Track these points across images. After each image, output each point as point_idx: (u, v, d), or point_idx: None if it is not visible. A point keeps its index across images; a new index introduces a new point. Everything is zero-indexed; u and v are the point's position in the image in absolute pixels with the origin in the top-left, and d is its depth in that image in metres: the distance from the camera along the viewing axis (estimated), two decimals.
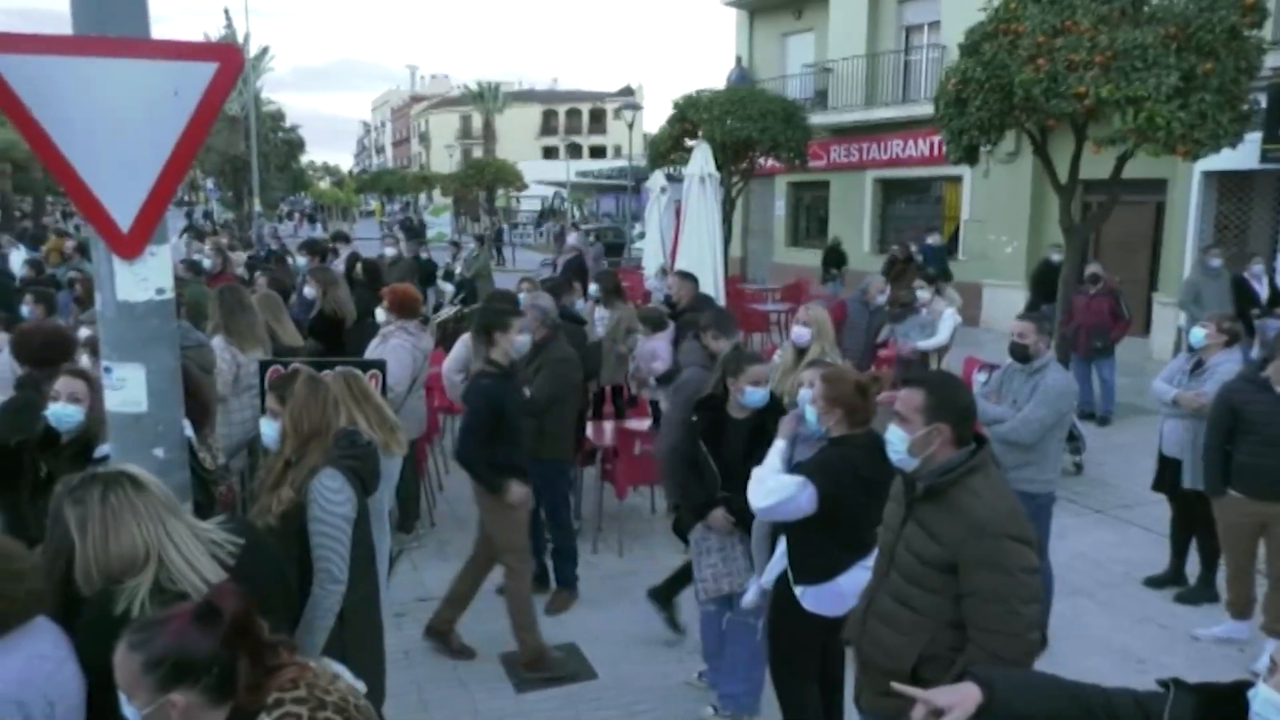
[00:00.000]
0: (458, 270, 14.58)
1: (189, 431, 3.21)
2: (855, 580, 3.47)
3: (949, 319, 8.92)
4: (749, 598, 4.25)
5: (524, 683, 4.85)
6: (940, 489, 2.79)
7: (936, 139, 12.24)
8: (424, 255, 14.28)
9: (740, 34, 25.09)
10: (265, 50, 42.23)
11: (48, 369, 4.02)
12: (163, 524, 2.36)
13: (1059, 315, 10.12)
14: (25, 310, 6.43)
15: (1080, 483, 8.20)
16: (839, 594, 3.59)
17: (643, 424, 7.20)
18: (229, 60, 2.60)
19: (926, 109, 13.11)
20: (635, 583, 5.93)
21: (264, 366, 5.73)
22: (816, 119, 20.23)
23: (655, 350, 7.61)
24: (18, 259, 12.62)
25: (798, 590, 3.73)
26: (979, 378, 6.15)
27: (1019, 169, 16.58)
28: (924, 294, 9.16)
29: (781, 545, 3.88)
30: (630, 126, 24.50)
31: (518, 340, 4.98)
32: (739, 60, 24.42)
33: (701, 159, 11.77)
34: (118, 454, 2.81)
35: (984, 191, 17.88)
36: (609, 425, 7.42)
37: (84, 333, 5.52)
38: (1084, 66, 8.80)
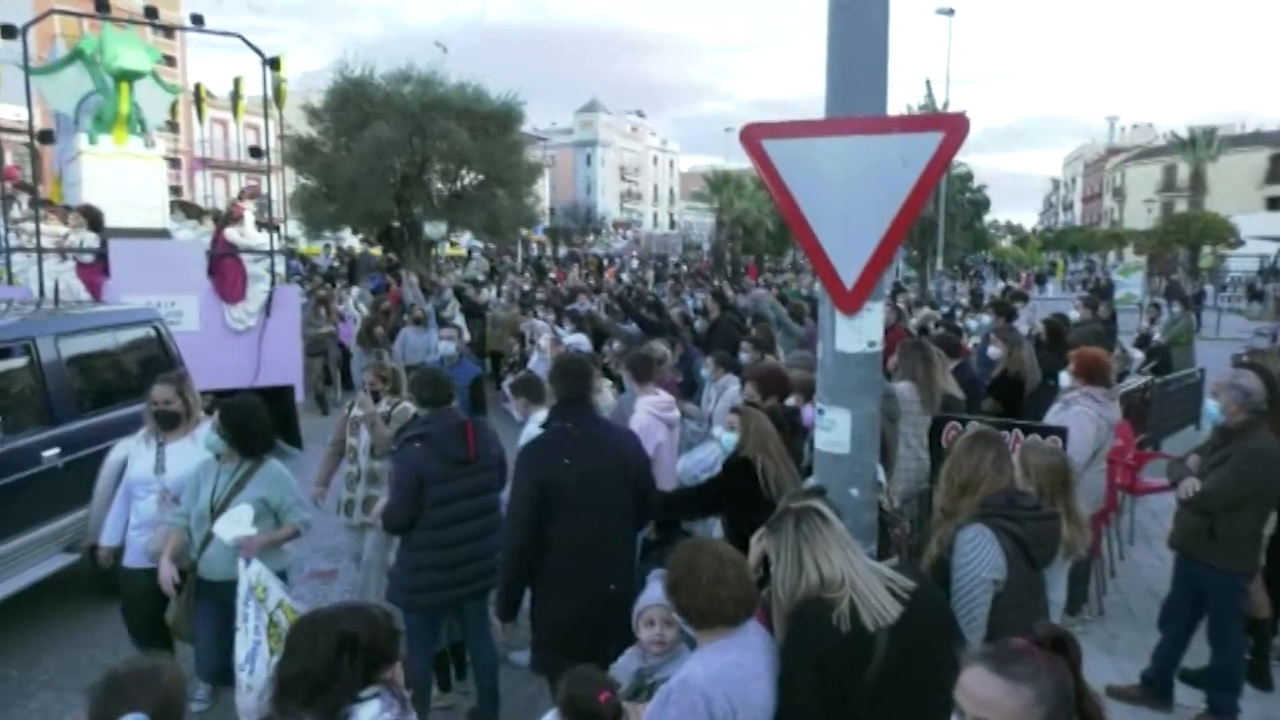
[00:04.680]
0: (1155, 335, 13.21)
1: (880, 476, 3.43)
2: None
3: None
4: None
5: None
6: None
7: None
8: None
9: None
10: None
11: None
12: (846, 554, 2.56)
13: None
14: (743, 356, 7.61)
15: None
16: None
17: None
18: (955, 128, 2.75)
19: None
20: None
21: (936, 424, 5.90)
22: None
23: None
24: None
25: None
26: None
27: None
28: None
29: None
30: None
31: None
32: None
33: None
34: None
35: None
36: None
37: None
38: None
